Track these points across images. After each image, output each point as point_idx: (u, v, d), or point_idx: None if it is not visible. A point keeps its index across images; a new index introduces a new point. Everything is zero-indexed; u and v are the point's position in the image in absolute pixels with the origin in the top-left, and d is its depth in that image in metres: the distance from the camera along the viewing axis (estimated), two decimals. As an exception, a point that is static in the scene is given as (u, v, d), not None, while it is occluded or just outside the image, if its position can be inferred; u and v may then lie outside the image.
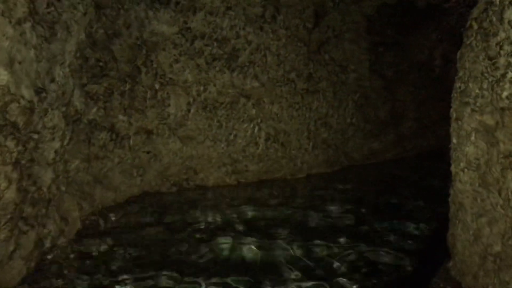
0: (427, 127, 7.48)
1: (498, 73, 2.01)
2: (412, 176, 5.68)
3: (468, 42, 2.28)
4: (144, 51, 3.88)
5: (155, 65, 3.97)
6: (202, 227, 3.42)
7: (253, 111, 4.73)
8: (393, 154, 6.63)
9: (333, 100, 5.53)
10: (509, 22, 1.88)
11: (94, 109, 3.44)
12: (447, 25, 7.57)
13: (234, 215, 3.75)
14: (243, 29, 4.48)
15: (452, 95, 2.67)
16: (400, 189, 4.83)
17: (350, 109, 5.79)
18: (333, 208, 3.95)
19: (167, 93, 4.07)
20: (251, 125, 4.74)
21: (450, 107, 2.73)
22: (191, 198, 4.15)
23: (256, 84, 4.70)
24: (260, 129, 4.81)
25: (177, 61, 4.09)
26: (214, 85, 4.39)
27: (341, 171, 5.68)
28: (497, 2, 1.93)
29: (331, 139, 5.60)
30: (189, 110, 4.24)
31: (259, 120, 4.79)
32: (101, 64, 3.43)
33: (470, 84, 2.29)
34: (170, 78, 4.07)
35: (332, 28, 5.42)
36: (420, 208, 4.13)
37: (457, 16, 7.53)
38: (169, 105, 4.09)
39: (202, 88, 4.30)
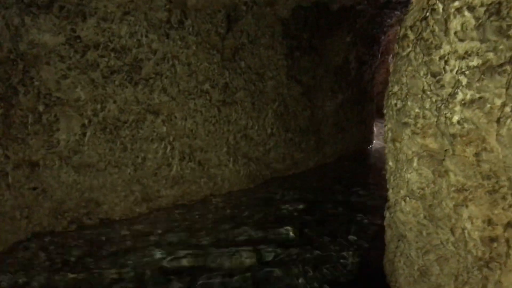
0: (345, 131, 7.42)
1: (443, 92, 1.70)
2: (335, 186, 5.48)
3: (404, 54, 1.97)
4: (20, 67, 3.16)
5: (36, 83, 3.26)
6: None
7: (164, 129, 4.17)
8: (314, 162, 6.43)
9: (252, 111, 5.14)
10: (455, 33, 1.57)
11: (-49, 144, 2.68)
12: (360, 27, 7.56)
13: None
14: (146, 36, 3.90)
15: (384, 111, 2.36)
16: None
17: (270, 119, 5.45)
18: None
19: (55, 116, 3.38)
20: (162, 145, 4.17)
21: (364, 110, 2.41)
22: (90, 238, 3.50)
23: (165, 98, 4.14)
24: (173, 148, 4.26)
25: (65, 76, 3.41)
26: (114, 102, 3.76)
27: (264, 185, 5.32)
28: (440, 10, 1.61)
29: (252, 152, 5.20)
30: (84, 134, 3.57)
31: (171, 138, 4.24)
32: (-44, 86, 2.68)
33: (409, 102, 1.97)
34: (58, 98, 3.38)
35: (247, 33, 5.02)
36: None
37: (369, 17, 7.56)
38: (58, 129, 3.40)
39: (99, 106, 3.66)
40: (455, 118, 1.60)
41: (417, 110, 1.93)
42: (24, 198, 3.23)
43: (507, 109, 1.44)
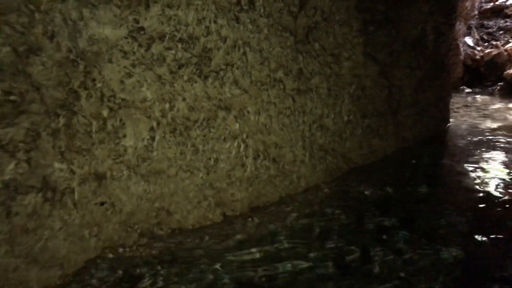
0: (424, 111, 6.66)
1: None
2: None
3: None
4: (81, 67, 2.76)
5: (99, 85, 2.86)
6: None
7: (236, 126, 3.70)
8: (393, 148, 5.78)
9: (327, 98, 4.56)
10: None
11: (11, 165, 2.33)
12: (438, -6, 6.67)
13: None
14: (215, 22, 3.40)
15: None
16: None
17: (346, 105, 4.85)
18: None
19: (121, 120, 2.98)
20: (235, 143, 3.72)
21: (442, 86, 1.78)
22: (165, 253, 3.14)
23: (237, 91, 3.66)
24: (246, 146, 3.80)
25: (129, 74, 2.99)
26: (183, 100, 3.33)
27: (342, 178, 4.78)
28: None
29: (328, 143, 4.65)
30: (153, 138, 3.17)
31: (244, 136, 3.77)
32: (12, 97, 2.31)
33: None
34: (123, 99, 2.98)
35: (321, 10, 4.40)
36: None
37: (450, -18, 6.64)
38: (124, 136, 3.01)
39: (167, 106, 3.23)
40: None
41: None
42: (92, 215, 2.89)
43: None
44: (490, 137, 6.85)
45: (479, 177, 4.82)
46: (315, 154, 4.45)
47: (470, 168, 5.14)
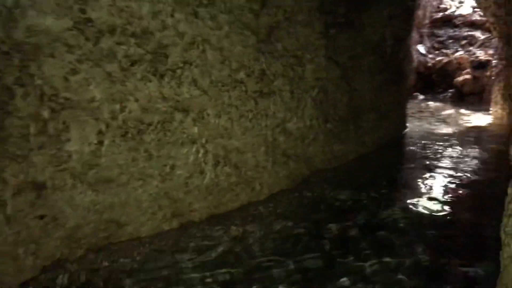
0: (383, 116, 6.65)
1: None
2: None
3: None
4: (16, 61, 2.40)
5: (39, 82, 2.51)
6: None
7: (195, 129, 3.43)
8: (354, 154, 5.69)
9: (290, 101, 4.38)
10: None
11: None
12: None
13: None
14: (171, 16, 3.13)
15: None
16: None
17: (309, 109, 4.69)
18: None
19: (64, 123, 2.64)
20: (194, 149, 3.44)
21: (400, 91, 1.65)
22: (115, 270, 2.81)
23: (196, 91, 3.39)
24: (206, 151, 3.53)
25: (75, 71, 2.66)
26: (136, 100, 3.02)
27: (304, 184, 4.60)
28: None
29: (290, 148, 4.47)
30: (101, 142, 2.85)
31: (203, 140, 3.51)
32: None
33: None
34: (67, 99, 2.64)
35: (283, 9, 4.22)
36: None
37: (409, -12, 6.70)
38: (68, 140, 2.67)
39: (118, 106, 2.92)
40: None
41: None
42: (29, 230, 2.53)
43: None
44: (445, 142, 6.95)
45: (434, 180, 4.79)
46: (278, 159, 4.25)
47: (427, 173, 5.12)
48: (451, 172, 5.14)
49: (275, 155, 4.21)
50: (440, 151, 6.33)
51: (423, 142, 6.93)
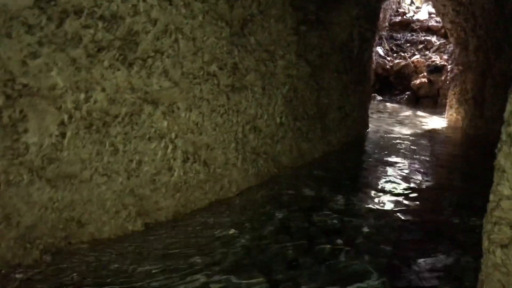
0: (348, 115, 6.68)
1: None
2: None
3: None
4: (-33, 40, 2.12)
5: (-7, 64, 2.23)
6: None
7: (164, 123, 3.23)
8: (320, 152, 5.67)
9: (262, 97, 4.26)
10: None
11: None
12: (365, 0, 6.76)
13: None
14: (143, 1, 2.91)
15: None
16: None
17: (279, 106, 4.59)
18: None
19: (21, 111, 2.38)
20: (162, 144, 3.24)
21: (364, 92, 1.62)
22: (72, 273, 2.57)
23: (167, 83, 3.19)
24: (175, 147, 3.34)
25: (35, 55, 2.40)
26: (103, 90, 2.79)
27: (272, 182, 4.50)
28: None
29: (260, 146, 4.35)
30: (63, 134, 2.60)
31: (173, 135, 3.31)
32: None
33: None
34: (25, 85, 2.38)
35: (257, 2, 4.08)
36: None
37: (377, -11, 6.75)
38: (26, 130, 2.40)
39: (82, 96, 2.67)
40: None
41: None
42: (-21, 231, 2.26)
43: None
44: (404, 142, 7.10)
45: (394, 180, 4.84)
46: (248, 157, 4.12)
47: (388, 172, 5.18)
48: (409, 171, 5.23)
49: (245, 152, 4.08)
50: (399, 151, 6.43)
51: (383, 142, 7.04)
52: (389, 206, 3.96)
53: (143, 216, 3.22)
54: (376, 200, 4.12)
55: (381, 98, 13.39)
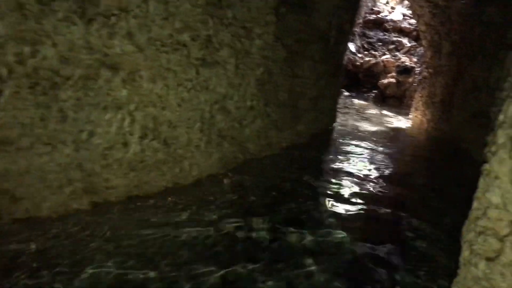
0: (318, 107, 6.48)
1: None
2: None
3: None
4: None
5: None
6: None
7: (123, 92, 2.86)
8: (288, 142, 5.43)
9: (234, 76, 3.94)
10: None
11: None
12: (347, -11, 6.52)
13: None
14: None
15: None
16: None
17: (251, 88, 4.29)
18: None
19: None
20: (119, 115, 2.88)
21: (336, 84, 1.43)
22: None
23: (130, 47, 2.82)
24: (133, 121, 2.98)
25: (-30, -9, 1.98)
26: (54, 45, 2.39)
27: (236, 170, 4.21)
28: None
29: (227, 129, 4.05)
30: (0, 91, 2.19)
31: (132, 107, 2.95)
32: None
33: None
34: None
35: (239, -28, 3.74)
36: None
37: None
38: (-48, 82, 1.99)
39: (27, 49, 2.27)
40: None
41: None
42: None
43: None
44: (370, 139, 7.00)
45: (358, 174, 4.69)
46: (213, 139, 3.81)
47: (352, 166, 5.02)
48: (373, 166, 5.11)
49: (210, 134, 3.76)
50: (364, 146, 6.32)
51: (350, 137, 6.92)
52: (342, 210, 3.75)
53: (90, 194, 2.86)
54: (339, 195, 3.92)
55: (349, 93, 13.35)
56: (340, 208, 3.59)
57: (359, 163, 5.24)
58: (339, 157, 5.53)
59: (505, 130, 1.80)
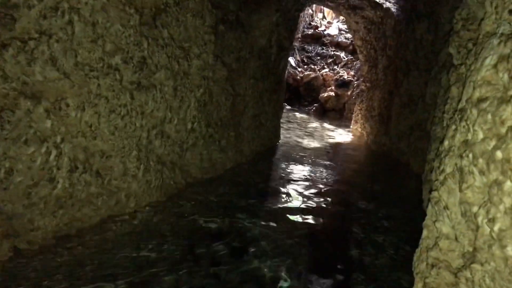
0: (262, 125, 6.41)
1: None
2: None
3: None
4: None
5: None
6: None
7: (47, 123, 2.58)
8: (232, 163, 5.29)
9: (173, 99, 3.75)
10: None
11: None
12: (285, 7, 6.56)
13: None
14: (27, -35, 2.26)
15: None
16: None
17: (192, 110, 4.11)
18: None
19: None
20: (43, 149, 2.59)
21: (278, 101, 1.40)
22: None
23: (54, 73, 2.55)
24: (60, 153, 2.70)
25: None
26: (-40, 75, 2.09)
27: (177, 196, 3.99)
28: None
29: (167, 154, 3.83)
30: None
31: (58, 139, 2.67)
32: None
33: None
34: None
35: (174, -9, 3.58)
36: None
37: (296, -1, 6.61)
38: None
39: None
40: None
41: None
42: None
43: None
44: (313, 155, 7.00)
45: (303, 195, 4.63)
46: (151, 167, 3.57)
47: (295, 187, 4.95)
48: (316, 185, 5.08)
49: (148, 161, 3.53)
50: (306, 164, 6.29)
51: (293, 155, 6.87)
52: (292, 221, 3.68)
53: (11, 238, 2.53)
54: (282, 215, 3.82)
55: (290, 107, 13.50)
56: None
57: (300, 184, 5.17)
58: (280, 180, 5.40)
59: (453, 159, 1.76)
